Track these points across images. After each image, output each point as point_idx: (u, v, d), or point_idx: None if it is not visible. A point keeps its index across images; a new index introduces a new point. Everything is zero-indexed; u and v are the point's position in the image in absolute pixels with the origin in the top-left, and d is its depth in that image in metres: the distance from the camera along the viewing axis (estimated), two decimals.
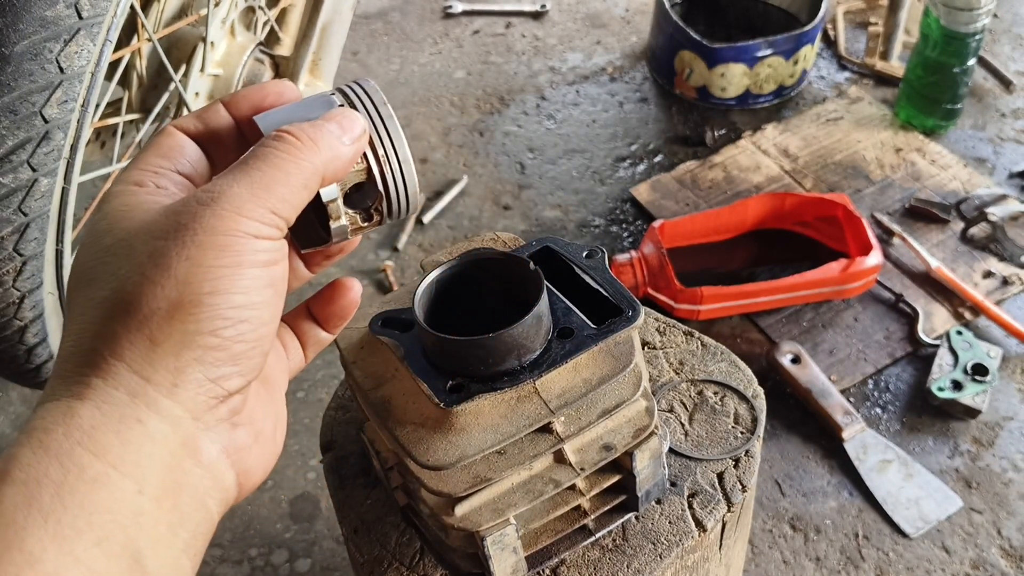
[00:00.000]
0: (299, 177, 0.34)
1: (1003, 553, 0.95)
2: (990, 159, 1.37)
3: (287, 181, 0.34)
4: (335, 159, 0.36)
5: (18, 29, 0.65)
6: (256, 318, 0.33)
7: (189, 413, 0.32)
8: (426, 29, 1.65)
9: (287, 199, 0.34)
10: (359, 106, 0.39)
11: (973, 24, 1.27)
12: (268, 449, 0.37)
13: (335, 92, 0.40)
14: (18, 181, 0.69)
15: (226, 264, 0.32)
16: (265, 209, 0.33)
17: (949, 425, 1.05)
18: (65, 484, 0.28)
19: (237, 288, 0.32)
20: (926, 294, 1.17)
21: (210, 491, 0.33)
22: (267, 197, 0.33)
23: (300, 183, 0.34)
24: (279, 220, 0.34)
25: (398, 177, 0.39)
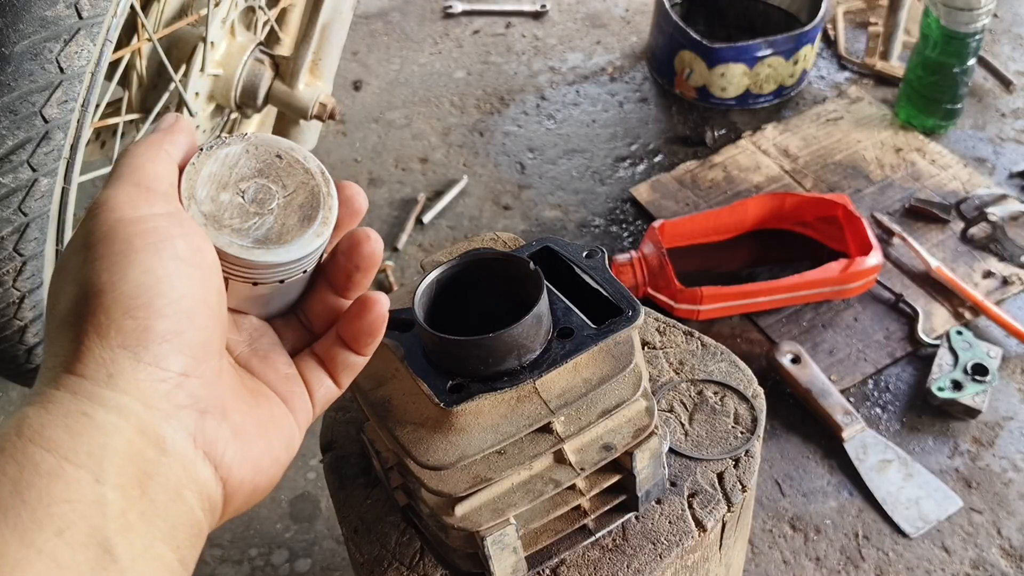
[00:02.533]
0: (145, 156, 0.35)
1: (1003, 553, 0.95)
2: (990, 159, 1.37)
3: (136, 163, 0.35)
4: (165, 139, 0.37)
5: (18, 29, 0.65)
6: (169, 291, 0.33)
7: (138, 401, 0.32)
8: (426, 29, 1.65)
9: (143, 173, 0.35)
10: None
11: (973, 24, 1.27)
12: (254, 448, 0.35)
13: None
14: (18, 181, 0.69)
15: (118, 250, 0.33)
16: (132, 186, 0.34)
17: (949, 425, 1.05)
18: (21, 480, 0.29)
19: (137, 266, 0.32)
20: (926, 294, 1.17)
21: (183, 482, 0.32)
22: (128, 180, 0.34)
23: (148, 159, 0.35)
24: (151, 191, 0.34)
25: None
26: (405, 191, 1.36)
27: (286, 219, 0.37)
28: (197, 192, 0.36)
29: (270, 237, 0.37)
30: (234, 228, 0.36)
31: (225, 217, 0.37)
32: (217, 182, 0.37)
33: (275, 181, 0.38)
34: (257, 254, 0.36)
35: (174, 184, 0.36)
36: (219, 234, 0.36)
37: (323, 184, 0.39)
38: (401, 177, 1.39)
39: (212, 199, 0.37)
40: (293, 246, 0.37)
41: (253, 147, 0.38)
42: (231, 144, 0.38)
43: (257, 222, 0.37)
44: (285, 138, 0.40)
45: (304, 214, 0.38)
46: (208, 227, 0.36)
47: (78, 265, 0.33)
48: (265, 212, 0.37)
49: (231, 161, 0.38)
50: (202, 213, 0.36)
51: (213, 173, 0.37)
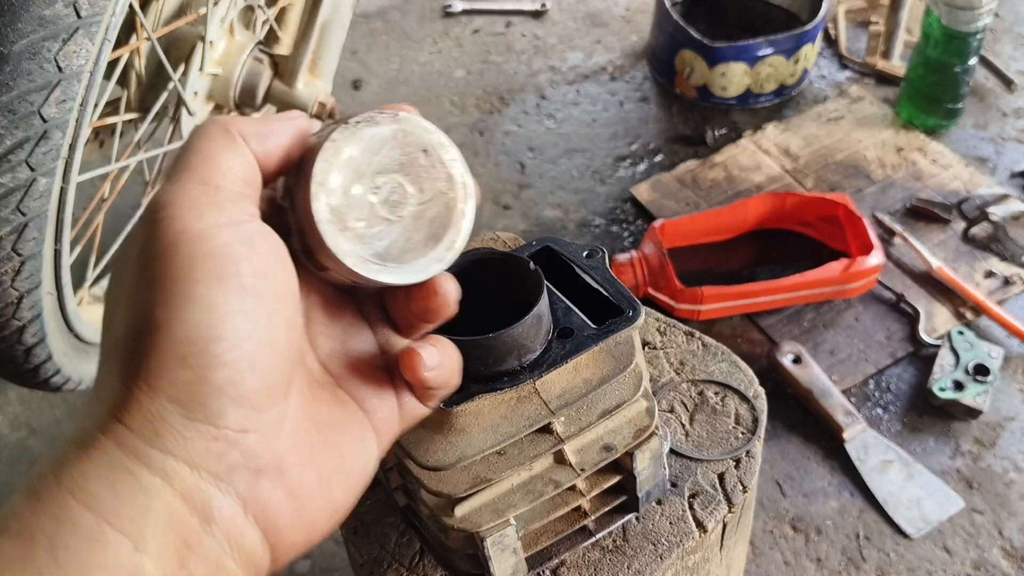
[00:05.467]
0: (218, 146, 0.30)
1: (1004, 554, 0.95)
2: (991, 159, 1.37)
3: (208, 153, 0.30)
4: (258, 128, 0.32)
5: (16, 28, 0.65)
6: (230, 333, 0.28)
7: (185, 463, 0.28)
8: (426, 28, 1.65)
9: (216, 168, 0.30)
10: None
11: (974, 23, 1.26)
12: (310, 505, 0.31)
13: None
14: (16, 181, 0.69)
15: (175, 273, 0.28)
16: (198, 185, 0.29)
17: (950, 425, 1.05)
18: (58, 538, 0.26)
19: (195, 300, 0.28)
20: (927, 294, 1.17)
21: (227, 552, 0.29)
22: (193, 177, 0.30)
23: (222, 150, 0.30)
24: (223, 192, 0.30)
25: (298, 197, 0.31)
26: None
27: (413, 233, 0.32)
28: (331, 178, 0.31)
29: (391, 253, 0.31)
30: (357, 233, 0.31)
31: (351, 217, 0.31)
32: (354, 170, 0.31)
33: (413, 182, 0.32)
34: (371, 270, 0.31)
35: (249, 181, 0.31)
36: (340, 237, 0.31)
37: (462, 200, 0.33)
38: None
39: (344, 191, 0.31)
40: (410, 268, 0.32)
41: (403, 133, 0.32)
42: (380, 124, 0.32)
43: (382, 230, 0.31)
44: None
45: (432, 232, 0.32)
46: (331, 225, 0.31)
47: (134, 280, 0.29)
48: (394, 219, 0.32)
49: (375, 146, 0.32)
50: (329, 207, 0.31)
51: (353, 157, 0.31)
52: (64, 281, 0.82)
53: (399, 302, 0.34)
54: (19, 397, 1.10)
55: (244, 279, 0.29)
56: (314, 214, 0.30)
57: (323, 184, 0.30)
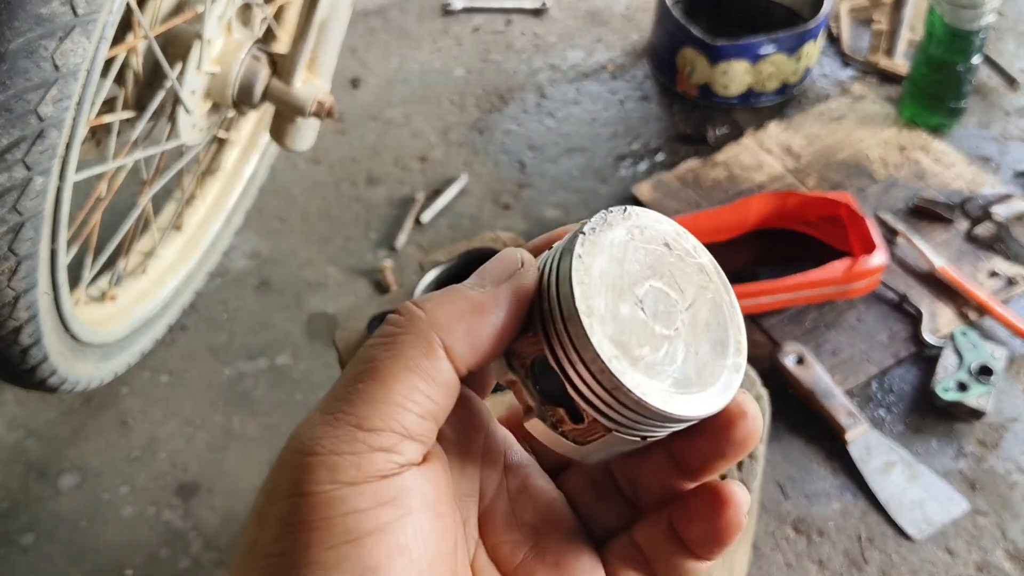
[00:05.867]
0: (404, 365, 0.25)
1: (1008, 556, 0.94)
2: (995, 158, 1.36)
3: (386, 381, 0.25)
4: (461, 317, 0.26)
5: (13, 26, 0.64)
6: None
7: None
8: (425, 26, 1.64)
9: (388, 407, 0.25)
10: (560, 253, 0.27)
11: (977, 21, 1.26)
12: None
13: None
14: (13, 180, 0.69)
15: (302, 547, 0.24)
16: (344, 429, 0.25)
17: (953, 427, 1.04)
18: None
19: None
20: (930, 294, 1.16)
21: None
22: (346, 410, 0.25)
23: (410, 377, 0.25)
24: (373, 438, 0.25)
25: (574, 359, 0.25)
26: (404, 190, 1.35)
27: (698, 346, 0.26)
28: (596, 303, 0.25)
29: (689, 376, 0.26)
30: (648, 365, 0.25)
31: (633, 343, 0.25)
32: (612, 286, 0.26)
33: (671, 284, 0.27)
34: (679, 404, 0.25)
35: (429, 415, 0.26)
36: (633, 372, 0.25)
37: (723, 289, 0.28)
38: (400, 176, 1.38)
39: (613, 315, 0.25)
40: (714, 389, 0.26)
41: (638, 230, 0.27)
42: (614, 226, 0.27)
43: (668, 352, 0.26)
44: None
45: (714, 337, 0.27)
46: (621, 362, 0.25)
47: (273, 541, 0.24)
48: (672, 334, 0.26)
49: (618, 252, 0.26)
50: (609, 340, 0.25)
51: (604, 271, 0.26)
52: (61, 281, 0.81)
53: (654, 461, 0.28)
54: (16, 398, 1.10)
55: (412, 557, 0.24)
56: (599, 353, 0.24)
57: (592, 312, 0.25)
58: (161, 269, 1.09)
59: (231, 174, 1.18)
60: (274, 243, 1.28)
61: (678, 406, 0.25)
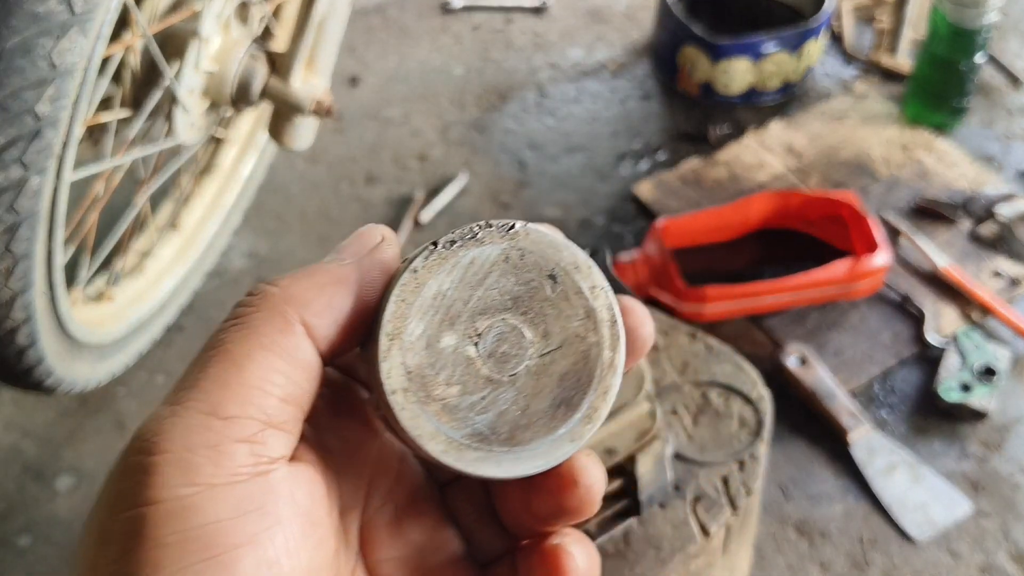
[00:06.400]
0: (254, 337, 0.22)
1: (1011, 558, 0.93)
2: (998, 157, 1.35)
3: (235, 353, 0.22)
4: (320, 289, 0.23)
5: (9, 25, 0.64)
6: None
7: None
8: (425, 24, 1.64)
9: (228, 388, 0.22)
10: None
11: (981, 20, 1.25)
12: None
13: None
14: (9, 179, 0.68)
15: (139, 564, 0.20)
16: (197, 415, 0.22)
17: (957, 428, 1.04)
18: None
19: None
20: (933, 294, 1.16)
21: None
22: (195, 397, 0.22)
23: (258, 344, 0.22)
24: (238, 424, 0.21)
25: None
26: (403, 189, 1.35)
27: (532, 398, 0.23)
28: (409, 326, 0.22)
29: (498, 431, 0.23)
30: (447, 405, 0.22)
31: (440, 380, 0.23)
32: (446, 311, 0.23)
33: (532, 323, 0.23)
34: (467, 459, 0.23)
35: (291, 399, 0.23)
36: (421, 412, 0.22)
37: (608, 345, 0.24)
38: (399, 175, 1.37)
39: (429, 343, 0.23)
40: (529, 453, 0.23)
41: (518, 252, 0.23)
42: (484, 243, 0.23)
43: (486, 398, 0.23)
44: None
45: (562, 395, 0.23)
46: (407, 396, 0.22)
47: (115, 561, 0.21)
48: (504, 380, 0.23)
49: (478, 273, 0.23)
50: (405, 370, 0.22)
51: (444, 292, 0.23)
52: (57, 281, 0.81)
53: (512, 498, 0.25)
54: (12, 399, 1.09)
55: (253, 567, 0.21)
56: (383, 382, 0.22)
57: (397, 337, 0.22)
58: (158, 269, 1.08)
59: (229, 173, 1.18)
60: (272, 243, 1.27)
61: (461, 459, 0.22)
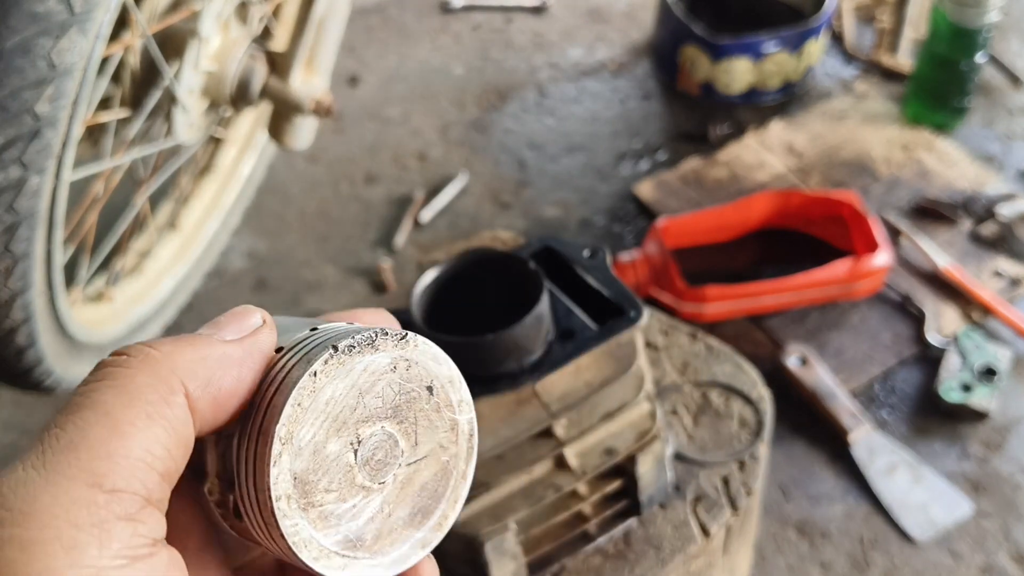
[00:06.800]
0: (130, 408, 0.21)
1: (1012, 558, 0.93)
2: (999, 157, 1.35)
3: (107, 422, 0.20)
4: (205, 361, 0.23)
5: (9, 25, 0.64)
6: None
7: None
8: (424, 24, 1.64)
9: (116, 453, 0.20)
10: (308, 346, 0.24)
11: (981, 19, 1.25)
12: None
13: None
14: (8, 179, 0.68)
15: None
16: (84, 487, 0.20)
17: (957, 428, 1.04)
18: None
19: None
20: (934, 294, 1.16)
21: None
22: (73, 463, 0.20)
23: (140, 416, 0.21)
24: (116, 503, 0.20)
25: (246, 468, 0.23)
26: (402, 189, 1.34)
27: (395, 506, 0.24)
28: (302, 432, 0.22)
29: (363, 538, 0.23)
30: (323, 512, 0.23)
31: (321, 486, 0.23)
32: (335, 418, 0.23)
33: (407, 433, 0.24)
34: (334, 566, 0.23)
35: (168, 473, 0.22)
36: (301, 519, 0.22)
37: (464, 457, 0.25)
38: (398, 175, 1.37)
39: (316, 450, 0.23)
40: (384, 559, 0.24)
41: (405, 363, 0.24)
42: (379, 350, 0.23)
43: (357, 504, 0.23)
44: (406, 327, 0.25)
45: (420, 504, 0.24)
46: (291, 503, 0.22)
47: None
48: (374, 488, 0.23)
49: (366, 381, 0.23)
50: (292, 475, 0.22)
51: (335, 398, 0.23)
52: (57, 281, 0.81)
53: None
54: (12, 399, 1.09)
55: None
56: (271, 487, 0.22)
57: (289, 441, 0.22)
58: (158, 269, 1.08)
59: (228, 173, 1.18)
60: (271, 243, 1.27)
61: (329, 567, 0.23)
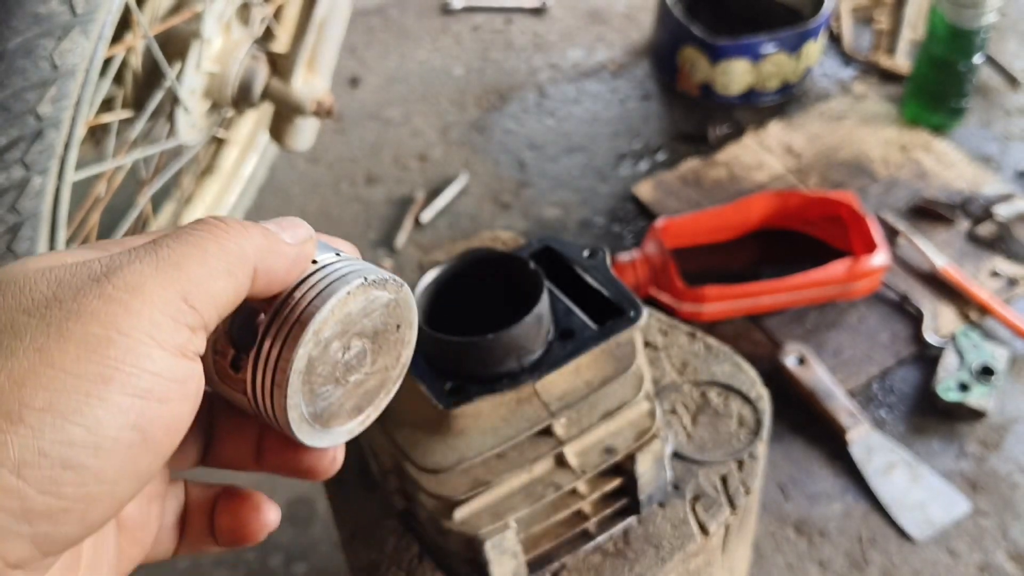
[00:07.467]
0: (221, 258, 0.26)
1: (1009, 556, 0.94)
2: (996, 157, 1.36)
3: (204, 260, 0.25)
4: (272, 252, 0.28)
5: (11, 26, 0.64)
6: (92, 470, 0.23)
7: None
8: (425, 25, 1.64)
9: (204, 284, 0.25)
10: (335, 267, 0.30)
11: (979, 20, 1.25)
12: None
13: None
14: (11, 180, 0.68)
15: (86, 374, 0.23)
16: (174, 294, 0.25)
17: (955, 427, 1.04)
18: None
19: (84, 416, 0.23)
20: (932, 294, 1.16)
21: None
22: (177, 277, 0.25)
23: (222, 266, 0.26)
24: (191, 316, 0.25)
25: (269, 366, 0.29)
26: (403, 189, 1.35)
27: (346, 400, 0.32)
28: (326, 327, 0.29)
29: (323, 415, 0.31)
30: (312, 388, 0.30)
31: (317, 370, 0.30)
32: (343, 326, 0.30)
33: (374, 352, 0.32)
34: (303, 430, 0.30)
35: (223, 317, 0.27)
36: (301, 389, 0.29)
37: (395, 380, 0.33)
38: (399, 175, 1.37)
39: (325, 345, 0.30)
40: (329, 435, 0.31)
41: (395, 305, 0.32)
42: (387, 290, 0.31)
43: (329, 391, 0.31)
44: (378, 265, 0.32)
45: (360, 403, 0.32)
46: (299, 376, 0.29)
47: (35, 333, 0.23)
48: (344, 383, 0.31)
49: (370, 308, 0.31)
50: (308, 357, 0.29)
51: (351, 314, 0.30)
52: None
53: (279, 444, 0.32)
54: None
55: (150, 423, 0.24)
56: (293, 361, 0.28)
57: (317, 333, 0.29)
58: None
59: (230, 174, 1.18)
60: None
61: (300, 431, 0.30)
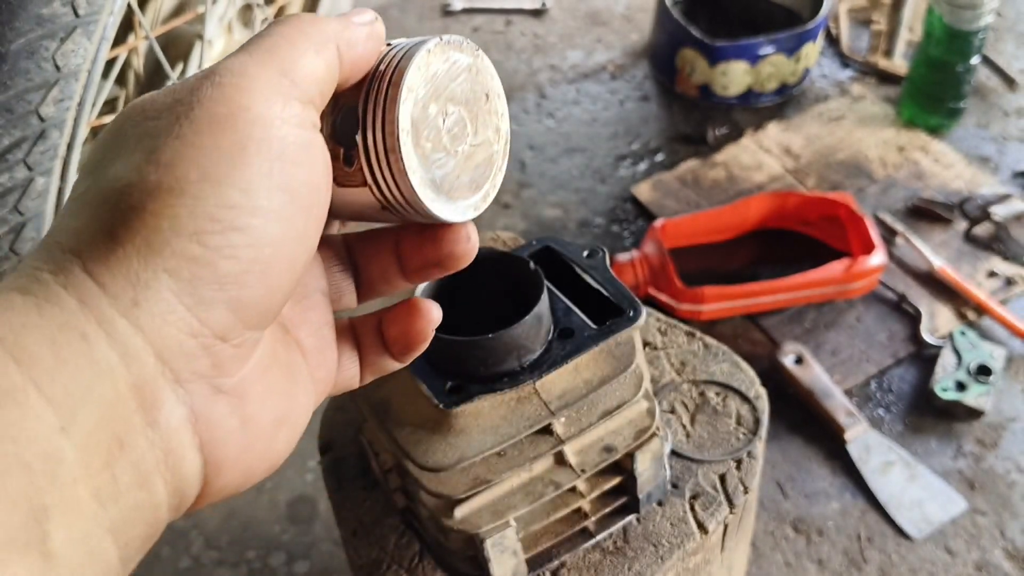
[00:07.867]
0: (307, 40, 0.28)
1: (1007, 555, 0.94)
2: (994, 158, 1.36)
3: (293, 43, 0.27)
4: (348, 29, 0.29)
5: (14, 27, 0.65)
6: (258, 230, 0.25)
7: (152, 347, 0.24)
8: (425, 26, 1.65)
9: (297, 62, 0.27)
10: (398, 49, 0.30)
11: (977, 22, 1.26)
12: (257, 447, 0.28)
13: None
14: (14, 180, 0.69)
15: (225, 145, 0.25)
16: (274, 71, 0.27)
17: (952, 426, 1.05)
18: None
19: (235, 180, 0.25)
20: (929, 294, 1.17)
21: (159, 468, 0.24)
22: (272, 59, 0.27)
23: (310, 45, 0.27)
24: (294, 89, 0.27)
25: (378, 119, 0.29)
26: None
27: (462, 172, 0.31)
28: (417, 86, 0.29)
29: (444, 184, 0.30)
30: (425, 153, 0.29)
31: (424, 134, 0.29)
32: (435, 88, 0.30)
33: (472, 121, 0.31)
34: (428, 196, 0.29)
35: (323, 94, 0.28)
36: (413, 150, 0.29)
37: (501, 155, 0.32)
38: None
39: (424, 105, 0.29)
40: (455, 208, 0.30)
41: (476, 70, 0.31)
42: (463, 51, 0.30)
43: (442, 159, 0.30)
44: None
45: (475, 177, 0.31)
46: (408, 136, 0.29)
47: (166, 132, 0.25)
48: (452, 151, 0.30)
49: (454, 71, 0.30)
50: (411, 116, 0.29)
51: (437, 75, 0.30)
52: None
53: (415, 242, 0.32)
54: None
55: (293, 183, 0.26)
56: (398, 119, 0.28)
57: (412, 90, 0.28)
58: None
59: None
60: None
61: (426, 197, 0.29)
